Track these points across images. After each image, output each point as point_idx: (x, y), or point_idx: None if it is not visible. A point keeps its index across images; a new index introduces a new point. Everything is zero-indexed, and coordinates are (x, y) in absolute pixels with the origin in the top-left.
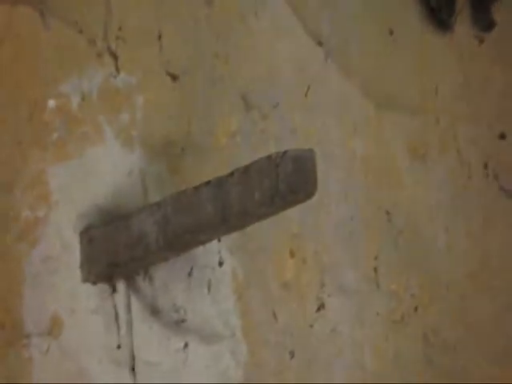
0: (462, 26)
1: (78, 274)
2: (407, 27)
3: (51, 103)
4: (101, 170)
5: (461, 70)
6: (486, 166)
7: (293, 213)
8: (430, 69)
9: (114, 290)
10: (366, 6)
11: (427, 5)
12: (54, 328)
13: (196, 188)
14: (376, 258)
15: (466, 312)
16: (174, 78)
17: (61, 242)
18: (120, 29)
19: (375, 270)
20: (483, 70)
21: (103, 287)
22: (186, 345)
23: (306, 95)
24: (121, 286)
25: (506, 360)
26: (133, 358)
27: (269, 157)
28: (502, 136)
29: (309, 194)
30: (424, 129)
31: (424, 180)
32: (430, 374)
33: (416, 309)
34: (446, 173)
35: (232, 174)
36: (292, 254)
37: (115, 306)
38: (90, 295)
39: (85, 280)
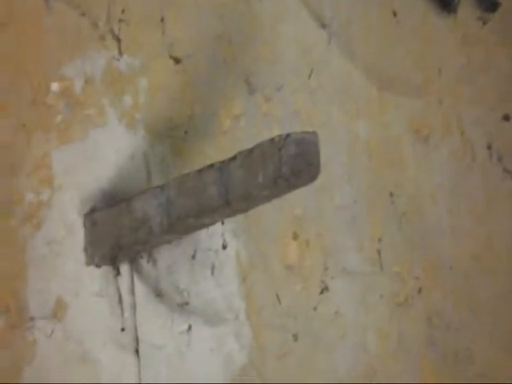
0: (466, 7)
1: (81, 257)
2: (410, 9)
3: (54, 86)
4: (104, 152)
5: (464, 52)
6: (489, 148)
7: (296, 196)
8: (433, 51)
9: (118, 273)
10: None
11: None
12: (59, 311)
13: (199, 171)
14: (379, 241)
15: (470, 294)
16: (177, 60)
17: (65, 225)
18: (123, 12)
19: (379, 252)
20: (487, 51)
21: (107, 270)
22: (189, 327)
23: (309, 78)
24: (124, 268)
25: (509, 341)
26: (137, 340)
27: (272, 140)
28: (506, 118)
29: (312, 177)
30: (427, 111)
31: (427, 162)
32: (433, 356)
33: (420, 291)
34: (450, 154)
35: (235, 157)
36: (295, 237)
37: (119, 289)
38: (93, 278)
39: (89, 263)
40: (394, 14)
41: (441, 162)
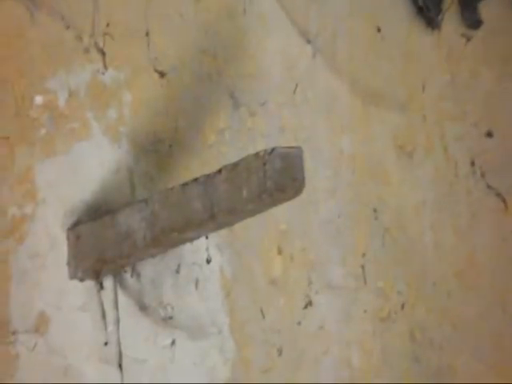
0: (450, 24)
1: (65, 270)
2: (395, 25)
3: (38, 99)
4: (88, 166)
5: (448, 68)
6: (472, 164)
7: (280, 210)
8: (417, 66)
9: (102, 287)
10: (354, 4)
11: (415, 3)
12: (41, 325)
13: (184, 185)
14: (363, 256)
15: (453, 310)
16: (162, 74)
17: (48, 238)
18: (108, 25)
19: (362, 267)
20: (470, 68)
21: (90, 284)
22: (173, 342)
23: (294, 92)
24: (108, 282)
25: (492, 358)
26: (120, 354)
27: (257, 154)
28: (489, 134)
29: (296, 192)
30: (411, 126)
31: (411, 177)
32: (416, 372)
33: (403, 306)
34: (433, 170)
35: (220, 171)
36: (280, 251)
37: (102, 303)
38: (77, 292)
39: (72, 277)
40: (379, 30)
41: (424, 178)
